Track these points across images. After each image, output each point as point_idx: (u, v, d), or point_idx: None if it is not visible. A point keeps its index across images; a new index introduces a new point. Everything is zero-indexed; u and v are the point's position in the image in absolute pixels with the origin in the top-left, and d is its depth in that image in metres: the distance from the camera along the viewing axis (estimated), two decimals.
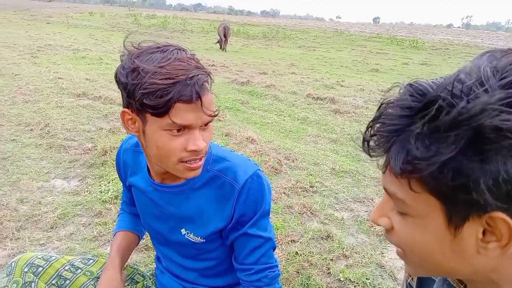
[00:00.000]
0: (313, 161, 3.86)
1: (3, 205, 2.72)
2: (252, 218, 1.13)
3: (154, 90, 0.90)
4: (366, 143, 0.58)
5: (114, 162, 3.45)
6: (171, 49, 0.97)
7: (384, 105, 0.57)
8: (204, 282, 1.30)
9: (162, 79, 0.90)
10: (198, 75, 0.94)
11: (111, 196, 2.86)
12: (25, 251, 2.28)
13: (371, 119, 0.58)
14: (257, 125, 5.17)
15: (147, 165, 1.20)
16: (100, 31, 19.12)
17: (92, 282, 1.30)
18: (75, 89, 5.99)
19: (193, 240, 1.18)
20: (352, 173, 3.65)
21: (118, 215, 1.51)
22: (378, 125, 0.56)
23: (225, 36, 14.58)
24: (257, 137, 4.31)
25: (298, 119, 5.66)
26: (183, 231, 1.19)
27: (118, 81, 0.99)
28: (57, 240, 2.43)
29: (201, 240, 1.18)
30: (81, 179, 3.20)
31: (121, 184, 2.99)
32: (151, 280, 1.47)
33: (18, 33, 14.08)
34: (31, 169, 3.32)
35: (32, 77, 6.73)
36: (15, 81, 6.38)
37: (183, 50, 0.99)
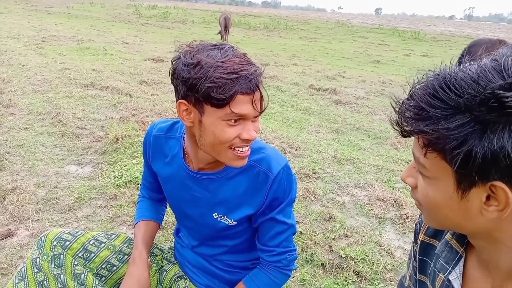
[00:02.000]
0: (315, 150, 4.00)
1: (22, 189, 2.86)
2: (280, 204, 1.26)
3: (220, 84, 1.01)
4: (402, 112, 0.68)
5: (126, 149, 3.57)
6: (226, 47, 1.08)
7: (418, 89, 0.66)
8: (225, 257, 1.43)
9: (226, 73, 1.02)
10: (256, 70, 1.06)
11: (124, 181, 3.00)
12: (45, 230, 2.43)
13: (403, 97, 0.69)
14: (261, 115, 5.29)
15: (183, 152, 1.30)
16: (101, 21, 19.15)
17: (114, 256, 1.42)
18: (82, 79, 6.11)
19: (226, 223, 1.30)
20: (353, 160, 3.79)
21: (137, 202, 1.59)
22: (412, 104, 0.66)
23: (226, 27, 14.60)
24: (261, 126, 4.45)
25: (300, 110, 5.79)
26: (215, 215, 1.31)
27: (176, 77, 1.09)
28: (75, 221, 2.57)
29: (234, 223, 1.30)
30: (95, 165, 3.35)
31: (135, 169, 3.11)
32: (170, 253, 1.58)
33: (21, 23, 14.13)
34: (45, 156, 3.47)
35: (40, 67, 6.85)
36: (23, 71, 6.50)
37: (236, 49, 1.10)
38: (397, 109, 0.69)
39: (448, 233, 0.85)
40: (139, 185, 2.98)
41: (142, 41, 12.44)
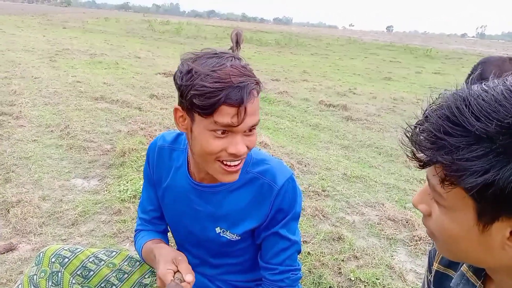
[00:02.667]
0: (325, 166, 3.92)
1: (27, 202, 2.83)
2: (284, 218, 1.19)
3: (203, 92, 0.98)
4: (413, 139, 0.61)
5: (132, 163, 3.53)
6: (227, 56, 1.04)
7: (433, 112, 0.60)
8: (227, 277, 1.36)
9: (212, 82, 0.98)
10: (247, 82, 1.00)
11: (129, 195, 2.96)
12: (48, 245, 2.39)
13: (418, 119, 0.62)
14: (270, 131, 5.25)
15: (187, 163, 1.25)
16: (115, 36, 19.45)
17: (114, 274, 1.36)
18: (93, 92, 6.15)
19: (229, 238, 1.24)
20: (364, 178, 3.71)
21: (136, 237, 1.44)
22: (430, 127, 0.59)
23: (237, 42, 14.70)
24: (270, 142, 4.40)
25: (310, 125, 5.74)
26: (217, 229, 1.24)
27: (175, 83, 1.07)
28: (78, 236, 2.53)
29: (237, 238, 1.23)
30: (101, 179, 3.32)
31: (140, 184, 3.06)
32: None
33: (36, 37, 14.42)
34: (52, 169, 3.44)
35: (51, 80, 6.92)
36: (35, 84, 6.57)
37: (238, 59, 1.05)
38: (409, 136, 0.62)
39: (464, 265, 0.78)
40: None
41: (154, 55, 12.56)
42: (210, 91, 0.98)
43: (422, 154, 0.60)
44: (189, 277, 1.11)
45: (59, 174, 3.37)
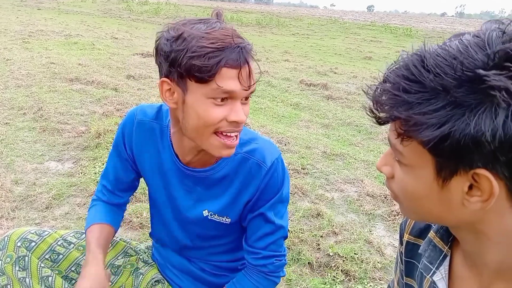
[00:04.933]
0: (305, 145, 3.91)
1: None
2: (271, 199, 1.15)
3: (203, 52, 0.90)
4: (374, 99, 0.62)
5: (108, 145, 3.45)
6: (213, 20, 0.98)
7: (392, 70, 0.61)
8: (212, 258, 1.32)
9: (210, 42, 0.91)
10: (245, 42, 0.95)
11: None
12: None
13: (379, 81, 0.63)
14: (250, 110, 5.19)
15: (171, 144, 1.17)
16: (91, 17, 18.89)
17: (84, 257, 1.26)
18: (67, 74, 5.97)
19: (217, 220, 1.19)
20: (343, 156, 3.71)
21: (91, 206, 1.37)
22: (389, 86, 0.60)
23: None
24: (250, 121, 4.36)
25: (291, 105, 5.70)
26: (205, 212, 1.19)
27: (159, 53, 0.98)
28: (52, 220, 2.46)
29: (227, 221, 1.19)
30: (75, 161, 3.23)
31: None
32: (147, 254, 1.46)
33: (9, 18, 13.89)
34: (25, 152, 3.34)
35: (24, 62, 6.69)
36: (7, 66, 6.34)
37: (224, 23, 1.00)
38: (370, 94, 0.62)
39: (431, 231, 0.78)
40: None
41: (132, 36, 12.27)
42: (210, 51, 0.91)
43: (382, 112, 0.61)
44: None
45: (32, 157, 3.27)
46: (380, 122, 0.62)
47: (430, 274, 0.75)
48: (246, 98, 1.00)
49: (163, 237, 1.36)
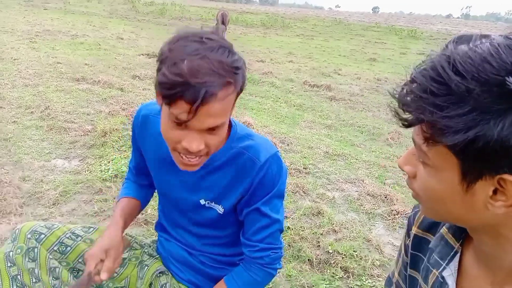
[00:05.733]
0: (307, 145, 3.96)
1: (6, 182, 2.81)
2: (266, 195, 1.19)
3: (162, 81, 0.94)
4: (400, 100, 0.62)
5: (114, 143, 3.52)
6: (211, 44, 0.96)
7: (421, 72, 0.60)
8: (209, 249, 1.37)
9: (173, 74, 0.92)
10: (212, 82, 0.93)
11: (111, 174, 2.95)
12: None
13: (403, 83, 0.62)
14: (253, 111, 5.26)
15: None
16: (98, 17, 19.00)
17: None
18: (74, 73, 6.05)
19: (213, 208, 1.25)
20: (345, 156, 3.75)
21: (123, 184, 1.53)
22: (414, 86, 0.59)
23: (223, 23, 14.52)
24: (253, 122, 4.41)
25: (294, 106, 5.75)
26: (202, 201, 1.25)
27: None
28: (59, 216, 2.52)
29: (221, 210, 1.24)
30: (82, 159, 3.30)
31: (122, 163, 3.07)
32: (152, 247, 1.51)
33: (16, 18, 14.00)
34: (32, 150, 3.41)
35: (31, 61, 6.77)
36: (14, 65, 6.42)
37: (222, 49, 0.97)
38: (396, 95, 0.62)
39: (443, 227, 0.79)
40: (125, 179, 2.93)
41: (138, 37, 12.35)
42: (168, 83, 0.93)
43: (408, 115, 0.60)
44: (104, 275, 1.18)
45: (40, 155, 3.34)
46: (406, 124, 0.61)
47: (440, 270, 0.76)
48: (213, 129, 1.01)
49: (166, 223, 1.45)
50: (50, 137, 3.69)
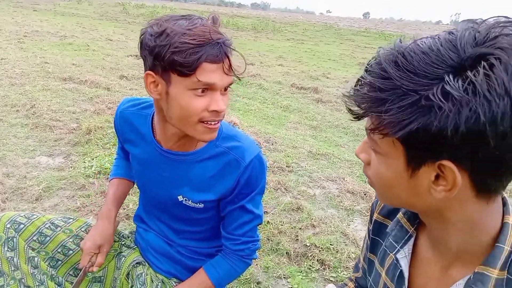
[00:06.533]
0: (291, 145, 4.01)
1: None
2: (251, 193, 1.24)
3: (184, 48, 0.98)
4: (351, 97, 0.66)
5: (98, 141, 3.54)
6: (195, 17, 1.05)
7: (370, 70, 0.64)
8: (189, 243, 1.41)
9: (191, 39, 0.98)
10: (224, 38, 1.02)
11: (94, 171, 2.98)
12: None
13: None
14: (240, 112, 5.30)
15: (152, 131, 1.27)
16: (88, 19, 18.94)
17: (71, 240, 1.39)
18: (61, 73, 6.05)
19: (190, 206, 1.28)
20: (328, 156, 3.81)
21: (115, 159, 1.60)
22: (367, 87, 0.63)
23: None
24: (239, 122, 4.45)
25: (281, 107, 5.81)
26: (180, 197, 1.28)
27: (143, 48, 1.06)
28: (41, 211, 2.54)
29: (200, 206, 1.28)
30: (66, 156, 3.31)
31: (106, 160, 3.09)
32: (129, 239, 1.54)
33: (4, 19, 13.91)
34: (17, 147, 3.42)
35: (19, 61, 6.75)
36: (1, 65, 6.39)
37: (205, 19, 1.06)
38: (347, 90, 0.67)
39: (400, 212, 0.84)
40: (108, 175, 2.95)
41: (127, 38, 12.34)
42: (191, 47, 0.98)
43: (358, 107, 0.65)
44: (95, 269, 1.35)
45: (24, 152, 3.35)
46: (356, 117, 0.67)
47: (394, 252, 0.81)
48: (225, 89, 1.09)
49: (146, 216, 1.48)
50: (35, 135, 3.70)
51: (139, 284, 1.39)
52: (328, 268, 2.12)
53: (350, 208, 2.78)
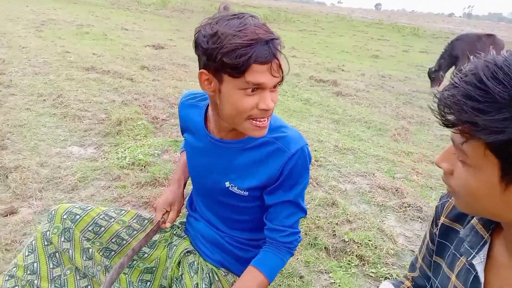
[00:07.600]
0: (317, 139, 4.02)
1: (25, 167, 2.86)
2: (296, 184, 1.26)
3: (234, 49, 1.02)
4: (442, 103, 0.66)
5: (129, 132, 3.58)
6: (247, 16, 1.08)
7: (462, 78, 0.64)
8: (238, 234, 1.43)
9: (240, 41, 1.02)
10: (274, 39, 1.05)
11: (128, 162, 3.01)
12: (49, 209, 2.43)
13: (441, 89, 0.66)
14: None
15: (205, 121, 1.33)
16: (99, 8, 18.94)
17: (124, 230, 1.43)
18: (83, 63, 6.08)
19: (236, 193, 1.31)
20: (354, 150, 3.82)
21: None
22: (456, 94, 0.63)
23: None
24: None
25: (301, 100, 5.81)
26: (227, 183, 1.31)
27: (198, 47, 1.11)
28: (79, 201, 2.57)
29: (245, 193, 1.30)
30: (97, 147, 3.35)
31: (138, 152, 3.12)
32: (180, 228, 1.59)
33: (20, 7, 13.98)
34: (47, 136, 3.46)
35: (40, 50, 6.80)
36: (23, 53, 6.45)
37: (257, 18, 1.09)
38: (437, 97, 0.66)
39: (474, 218, 0.84)
40: (142, 167, 2.98)
41: (141, 28, 12.35)
42: (240, 49, 1.01)
43: (451, 115, 0.65)
44: (168, 225, 1.46)
45: (55, 141, 3.39)
46: (448, 125, 0.66)
47: (470, 258, 0.80)
48: (275, 86, 1.12)
49: (196, 205, 1.53)
50: (64, 124, 3.74)
51: (192, 272, 1.42)
52: (368, 264, 2.14)
53: (382, 204, 2.79)
